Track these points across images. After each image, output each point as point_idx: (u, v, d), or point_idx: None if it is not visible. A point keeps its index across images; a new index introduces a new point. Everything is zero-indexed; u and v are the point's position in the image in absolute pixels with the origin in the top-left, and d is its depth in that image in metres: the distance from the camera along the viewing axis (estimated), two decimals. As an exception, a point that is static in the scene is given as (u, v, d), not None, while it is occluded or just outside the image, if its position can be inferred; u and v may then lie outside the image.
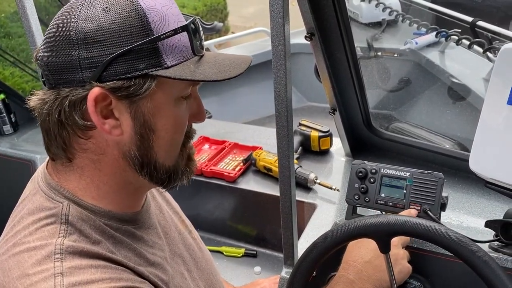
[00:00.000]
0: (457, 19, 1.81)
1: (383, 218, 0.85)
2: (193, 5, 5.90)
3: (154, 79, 0.67)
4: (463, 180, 1.37)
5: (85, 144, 0.70)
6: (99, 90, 0.65)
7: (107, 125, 0.67)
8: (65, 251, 0.66)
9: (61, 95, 0.67)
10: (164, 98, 0.70)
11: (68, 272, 0.64)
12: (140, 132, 0.69)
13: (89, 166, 0.72)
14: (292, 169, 1.00)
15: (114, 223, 0.74)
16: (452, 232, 0.80)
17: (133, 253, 0.75)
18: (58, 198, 0.71)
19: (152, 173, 0.73)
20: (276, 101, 0.94)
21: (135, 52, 0.65)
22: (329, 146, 1.65)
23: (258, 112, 3.05)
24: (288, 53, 0.90)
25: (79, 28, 0.64)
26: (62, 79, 0.66)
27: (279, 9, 0.85)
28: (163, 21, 0.67)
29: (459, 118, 1.94)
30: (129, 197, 0.77)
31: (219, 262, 1.60)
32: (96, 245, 0.69)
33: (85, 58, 0.64)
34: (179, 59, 0.68)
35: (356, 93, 1.38)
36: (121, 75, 0.65)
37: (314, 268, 0.91)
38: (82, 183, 0.73)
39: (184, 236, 0.94)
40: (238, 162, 1.65)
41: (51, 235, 0.67)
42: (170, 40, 0.67)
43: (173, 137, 0.73)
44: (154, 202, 0.90)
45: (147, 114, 0.69)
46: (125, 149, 0.70)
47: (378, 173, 1.11)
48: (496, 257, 1.00)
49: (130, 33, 0.64)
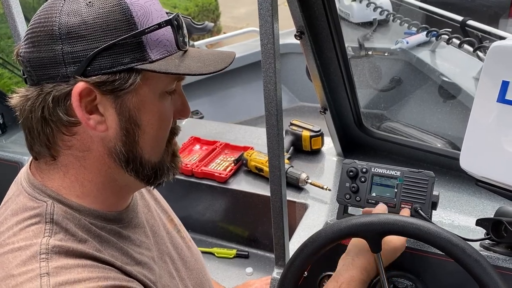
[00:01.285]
0: (447, 18, 1.82)
1: (373, 218, 0.85)
2: (184, 5, 5.89)
3: (139, 73, 0.66)
4: (454, 179, 1.37)
5: (70, 141, 0.69)
6: (83, 85, 0.64)
7: (92, 120, 0.67)
8: (51, 251, 0.65)
9: (44, 91, 0.66)
10: (149, 93, 0.69)
11: (54, 272, 0.63)
12: (126, 127, 0.69)
13: (73, 163, 0.71)
14: (283, 168, 1.00)
15: (99, 222, 0.73)
16: (443, 230, 0.80)
17: (120, 252, 0.74)
18: (41, 198, 0.70)
19: (138, 169, 0.73)
20: (266, 100, 0.93)
21: (119, 46, 0.64)
22: (321, 146, 1.64)
23: (250, 113, 3.05)
24: (277, 51, 0.89)
25: (62, 22, 0.64)
26: (45, 75, 0.65)
27: (267, 7, 0.85)
28: (146, 15, 0.67)
29: (450, 116, 1.94)
30: (114, 196, 0.76)
31: (211, 263, 1.59)
32: (82, 244, 0.68)
33: (69, 53, 0.64)
34: (163, 54, 0.68)
35: (347, 92, 1.38)
36: (105, 69, 0.65)
37: (305, 269, 0.90)
38: (66, 181, 0.72)
39: (173, 235, 0.93)
40: (229, 162, 1.64)
41: (36, 235, 0.66)
42: (154, 35, 0.67)
43: (158, 133, 0.73)
44: (142, 201, 0.89)
45: (132, 109, 0.68)
46: (111, 145, 0.70)
47: (369, 172, 1.11)
48: (487, 256, 1.00)
49: (114, 27, 0.64)
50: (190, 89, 2.83)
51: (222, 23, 6.53)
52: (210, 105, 3.01)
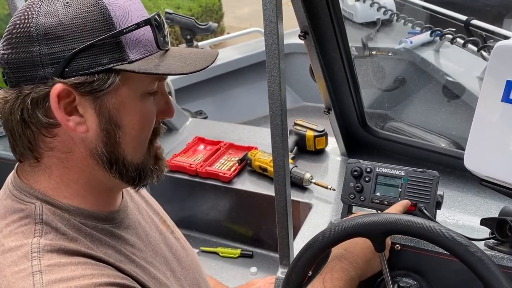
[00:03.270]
0: (451, 18, 1.81)
1: (377, 217, 0.85)
2: (188, 6, 5.89)
3: (118, 74, 0.66)
4: (458, 178, 1.37)
5: (51, 142, 0.69)
6: (61, 86, 0.64)
7: (72, 122, 0.66)
8: (42, 250, 0.64)
9: (23, 93, 0.65)
10: (130, 93, 0.69)
11: (47, 270, 0.62)
12: (106, 128, 0.69)
13: (57, 165, 0.70)
14: (287, 168, 1.00)
15: (90, 222, 0.73)
16: (447, 229, 0.80)
17: (113, 250, 0.74)
18: (29, 200, 0.70)
19: (122, 171, 0.72)
20: (270, 100, 0.93)
21: (97, 47, 0.64)
22: (325, 146, 1.64)
23: (253, 113, 3.05)
24: (281, 51, 0.89)
25: (39, 24, 0.63)
26: (23, 77, 0.65)
27: (272, 8, 0.85)
28: (125, 15, 0.66)
29: (454, 116, 1.94)
30: (103, 196, 0.76)
31: (215, 263, 1.60)
32: (74, 242, 0.68)
33: (46, 54, 0.64)
34: (143, 53, 0.68)
35: (351, 92, 1.38)
36: (83, 70, 0.64)
37: (309, 268, 0.90)
38: (52, 183, 0.71)
39: (166, 236, 0.93)
40: (233, 162, 1.65)
41: (26, 235, 0.66)
42: (133, 34, 0.66)
43: (140, 133, 0.72)
44: (132, 203, 0.89)
45: (112, 110, 0.68)
46: (92, 146, 0.69)
47: (373, 172, 1.11)
48: (492, 255, 1.00)
49: (91, 28, 0.64)
50: (194, 89, 2.83)
51: (226, 24, 6.53)
52: (214, 105, 3.02)
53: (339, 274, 0.90)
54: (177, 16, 2.83)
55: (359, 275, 0.93)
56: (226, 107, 3.08)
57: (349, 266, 0.92)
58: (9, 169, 0.77)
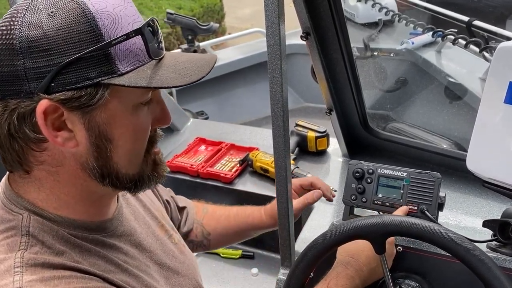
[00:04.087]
0: (453, 18, 1.81)
1: (377, 219, 0.84)
2: (189, 6, 5.90)
3: (107, 88, 0.62)
4: (460, 180, 1.36)
5: (41, 156, 0.66)
6: (47, 102, 0.61)
7: (60, 137, 0.64)
8: (26, 264, 0.63)
9: (9, 108, 0.62)
10: (120, 107, 0.65)
11: (28, 285, 0.61)
12: (96, 143, 0.66)
13: (47, 178, 0.68)
14: (289, 169, 1.00)
15: (80, 233, 0.71)
16: (447, 230, 0.80)
17: (103, 260, 0.72)
18: (17, 210, 0.68)
19: (115, 183, 0.70)
20: (272, 101, 0.93)
21: (84, 60, 0.60)
22: (326, 147, 1.64)
23: (255, 113, 3.05)
24: (283, 52, 0.89)
25: (22, 36, 0.59)
26: (8, 90, 0.62)
27: (274, 8, 0.84)
28: (115, 24, 0.62)
29: (456, 117, 1.93)
30: (94, 206, 0.74)
31: (216, 263, 1.59)
32: (59, 256, 0.66)
33: (31, 69, 0.60)
34: (134, 64, 0.64)
35: (353, 93, 1.38)
36: (70, 85, 0.61)
37: (310, 271, 0.90)
38: (42, 195, 0.69)
39: (163, 241, 0.90)
40: (234, 163, 1.65)
41: (11, 248, 0.64)
42: (123, 45, 0.62)
43: (133, 146, 0.69)
44: (128, 209, 0.86)
45: (102, 125, 0.65)
46: (83, 160, 0.67)
47: (375, 173, 1.10)
48: (494, 257, 0.99)
49: (78, 40, 0.60)
50: (195, 90, 2.83)
51: (227, 24, 6.53)
52: (215, 105, 3.02)
53: (345, 282, 0.89)
54: (178, 17, 2.84)
55: (363, 283, 0.93)
56: (227, 108, 3.08)
57: (355, 274, 0.91)
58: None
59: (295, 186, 1.18)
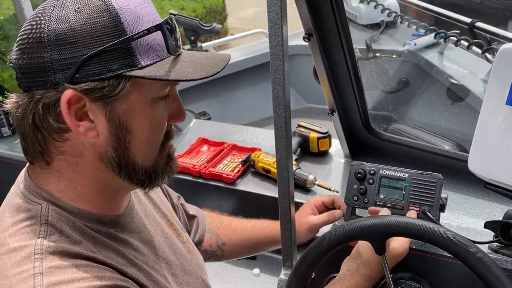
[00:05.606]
0: (455, 20, 1.81)
1: (377, 220, 0.85)
2: (192, 7, 5.91)
3: (128, 80, 0.66)
4: (462, 181, 1.36)
5: (62, 146, 0.70)
6: (72, 92, 0.64)
7: (82, 127, 0.67)
8: (45, 251, 0.65)
9: (34, 98, 0.66)
10: (140, 99, 0.69)
11: (48, 271, 0.63)
12: (116, 133, 0.69)
13: (66, 168, 0.71)
14: (291, 170, 1.00)
15: (94, 225, 0.73)
16: (446, 230, 0.80)
17: (116, 253, 0.74)
18: (36, 200, 0.71)
19: (131, 174, 0.73)
20: (274, 102, 0.93)
21: (108, 53, 0.64)
22: (328, 148, 1.64)
23: (257, 114, 3.05)
24: (286, 53, 0.89)
25: (50, 29, 0.64)
26: (35, 82, 0.66)
27: (276, 10, 0.85)
28: (136, 20, 0.66)
29: (458, 119, 1.93)
30: (109, 199, 0.76)
31: (218, 264, 1.60)
32: (77, 245, 0.68)
33: (57, 60, 0.64)
34: (154, 59, 0.68)
35: (355, 94, 1.38)
36: (94, 76, 0.64)
37: (311, 272, 0.90)
38: (60, 185, 0.72)
39: (172, 239, 0.92)
40: (236, 163, 1.65)
41: (30, 236, 0.67)
42: (144, 40, 0.66)
43: (150, 138, 0.72)
44: (139, 206, 0.89)
45: (122, 115, 0.68)
46: (102, 150, 0.70)
47: (377, 174, 1.11)
48: (496, 258, 0.99)
49: (102, 34, 0.64)
50: (197, 90, 2.84)
51: (229, 25, 6.54)
52: (217, 106, 3.02)
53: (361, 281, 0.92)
54: (181, 17, 2.84)
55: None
56: (229, 108, 3.08)
57: (370, 284, 0.93)
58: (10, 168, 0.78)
59: (317, 203, 1.20)
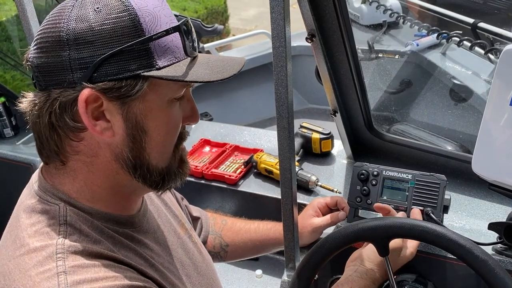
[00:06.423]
0: (458, 20, 1.81)
1: (380, 221, 0.85)
2: (194, 7, 5.91)
3: (145, 80, 0.66)
4: (465, 182, 1.36)
5: (77, 146, 0.70)
6: (89, 91, 0.64)
7: (98, 126, 0.67)
8: (67, 251, 0.65)
9: (51, 97, 0.66)
10: (157, 99, 0.69)
11: (71, 270, 0.63)
12: (132, 133, 0.69)
13: (82, 168, 0.71)
14: (294, 171, 1.00)
15: (111, 225, 0.73)
16: (450, 231, 0.79)
17: (134, 253, 0.74)
18: (53, 201, 0.71)
19: (146, 175, 0.73)
20: (277, 103, 0.93)
21: (126, 53, 0.64)
22: (331, 148, 1.64)
23: (259, 115, 3.05)
24: (289, 54, 0.89)
25: (69, 29, 0.64)
26: (52, 81, 0.66)
27: (279, 10, 0.85)
28: (154, 21, 0.66)
29: (461, 119, 1.93)
30: (124, 200, 0.77)
31: (220, 265, 1.59)
32: (97, 244, 0.69)
33: (76, 59, 0.64)
34: (171, 60, 0.68)
35: (358, 94, 1.37)
36: (112, 76, 0.65)
37: (314, 274, 0.90)
38: (76, 186, 0.72)
39: (184, 240, 0.93)
40: (239, 164, 1.65)
41: (51, 236, 0.67)
42: (162, 41, 0.66)
43: (165, 139, 0.73)
44: (152, 206, 0.89)
45: (139, 115, 0.68)
46: (117, 151, 0.70)
47: (380, 175, 1.10)
48: (500, 260, 0.99)
49: (121, 34, 0.64)
50: (199, 91, 2.83)
51: (231, 25, 6.54)
52: (219, 107, 3.02)
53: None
54: (183, 18, 2.84)
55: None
56: (231, 109, 3.08)
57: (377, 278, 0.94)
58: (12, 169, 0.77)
59: (321, 204, 1.20)
